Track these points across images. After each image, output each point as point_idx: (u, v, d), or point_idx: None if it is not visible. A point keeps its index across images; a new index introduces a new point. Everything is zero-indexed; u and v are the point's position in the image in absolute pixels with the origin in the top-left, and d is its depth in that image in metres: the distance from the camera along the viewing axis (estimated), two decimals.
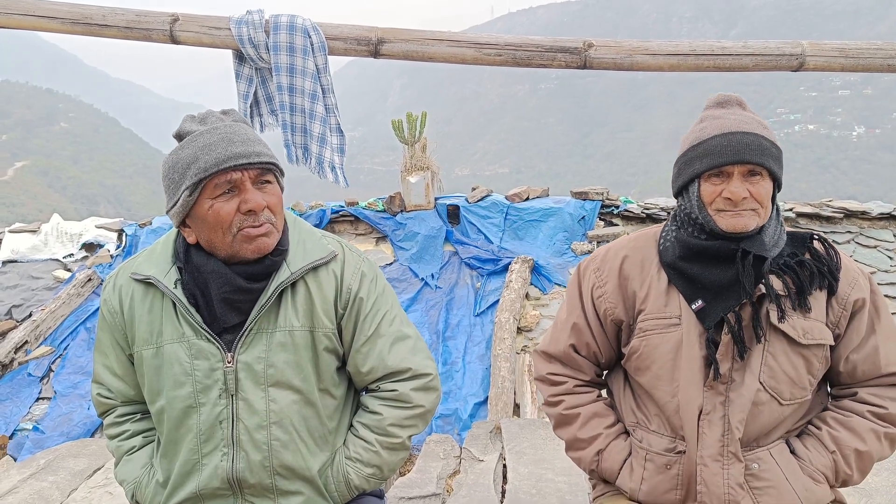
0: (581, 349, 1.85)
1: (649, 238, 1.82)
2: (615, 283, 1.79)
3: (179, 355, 1.63)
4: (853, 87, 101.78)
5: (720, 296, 1.64)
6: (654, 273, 1.75)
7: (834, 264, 1.67)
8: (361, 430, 1.74)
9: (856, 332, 1.67)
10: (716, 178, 1.62)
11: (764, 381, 1.63)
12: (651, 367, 1.72)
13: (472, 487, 2.63)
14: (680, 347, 1.67)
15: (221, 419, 1.62)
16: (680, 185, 1.71)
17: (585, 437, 1.81)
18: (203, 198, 1.57)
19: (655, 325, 1.71)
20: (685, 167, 1.68)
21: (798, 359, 1.64)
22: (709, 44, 3.31)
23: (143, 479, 1.76)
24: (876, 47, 3.31)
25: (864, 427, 1.66)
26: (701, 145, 1.64)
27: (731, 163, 1.59)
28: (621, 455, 1.77)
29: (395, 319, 1.77)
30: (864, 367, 1.68)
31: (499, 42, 3.31)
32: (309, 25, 3.46)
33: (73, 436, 4.60)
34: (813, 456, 1.67)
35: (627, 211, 6.31)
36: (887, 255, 5.78)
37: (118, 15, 3.40)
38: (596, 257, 1.86)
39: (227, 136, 1.56)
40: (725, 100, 1.73)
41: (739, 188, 1.59)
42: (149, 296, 1.68)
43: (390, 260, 6.26)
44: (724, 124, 1.63)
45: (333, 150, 3.61)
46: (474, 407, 4.90)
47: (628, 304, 1.78)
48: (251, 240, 1.58)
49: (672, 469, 1.69)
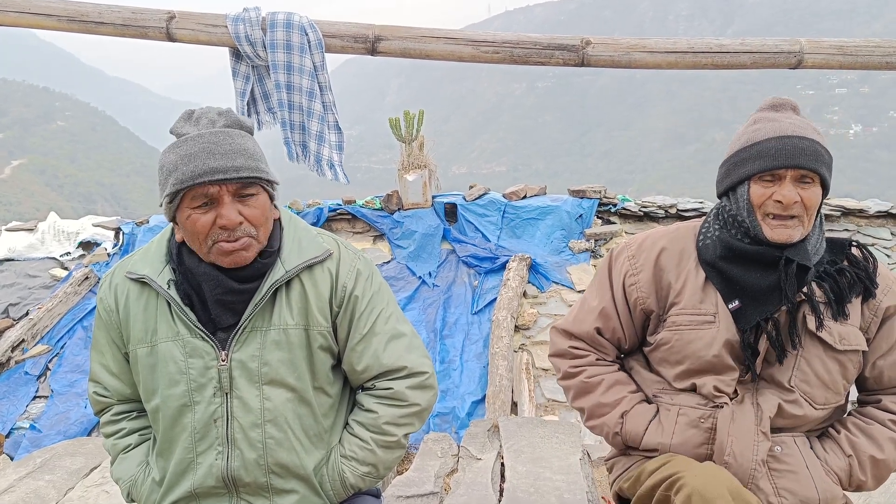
0: (606, 333, 1.85)
1: (689, 231, 1.81)
2: (650, 273, 1.78)
3: (174, 354, 1.63)
4: (850, 85, 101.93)
5: (758, 299, 1.64)
6: (691, 267, 1.74)
7: (872, 271, 1.69)
8: (357, 428, 1.74)
9: (885, 338, 1.69)
10: (767, 181, 1.62)
11: (795, 384, 1.65)
12: (683, 362, 1.72)
13: (469, 486, 2.62)
14: (713, 345, 1.67)
15: (216, 417, 1.62)
16: (728, 185, 1.70)
17: (609, 401, 1.80)
18: (182, 206, 1.57)
19: (690, 320, 1.71)
20: (736, 167, 1.67)
21: (833, 363, 1.65)
22: (706, 41, 3.31)
23: (138, 477, 1.76)
24: (874, 45, 3.31)
25: (884, 436, 1.68)
26: (755, 147, 1.63)
27: (786, 166, 1.58)
28: (646, 416, 1.77)
29: (391, 317, 1.76)
30: (891, 373, 1.70)
31: (496, 39, 3.30)
32: (306, 23, 3.45)
33: (69, 434, 4.59)
34: (830, 458, 1.68)
35: (625, 209, 6.31)
36: (885, 253, 5.79)
37: (114, 12, 3.38)
38: (631, 244, 1.84)
39: (209, 146, 1.54)
40: (780, 103, 1.72)
41: (791, 192, 1.59)
42: (144, 294, 1.68)
43: (388, 258, 6.25)
44: (779, 127, 1.63)
45: (332, 147, 3.60)
46: (472, 405, 4.90)
47: (661, 294, 1.77)
48: (226, 254, 1.57)
49: (706, 423, 1.69)
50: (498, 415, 4.46)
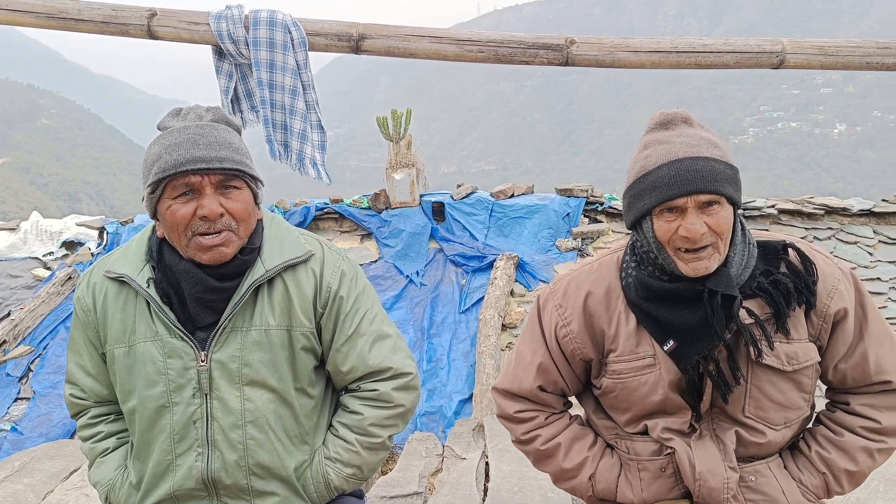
0: (548, 387, 1.74)
1: (612, 267, 1.68)
2: (581, 322, 1.66)
3: (152, 354, 1.61)
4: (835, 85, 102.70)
5: (691, 337, 1.52)
6: (621, 310, 1.62)
7: (810, 277, 1.53)
8: (341, 430, 1.73)
9: (841, 342, 1.57)
10: (668, 214, 1.46)
11: (751, 413, 1.57)
12: (631, 409, 1.65)
13: (453, 486, 2.62)
14: (658, 388, 1.59)
15: (195, 419, 1.61)
16: (632, 220, 1.55)
17: (571, 466, 1.72)
18: (164, 197, 1.56)
19: (629, 367, 1.60)
20: (634, 202, 1.52)
21: (787, 384, 1.56)
22: (690, 41, 3.31)
23: (116, 481, 1.74)
24: (854, 45, 3.33)
25: (856, 446, 1.59)
26: (647, 177, 1.47)
27: (683, 195, 1.42)
28: (613, 472, 1.70)
29: (376, 318, 1.76)
30: (854, 374, 1.59)
31: (481, 38, 3.29)
32: (289, 21, 3.43)
33: (51, 436, 4.54)
34: (805, 477, 1.62)
35: (612, 208, 6.32)
36: (867, 251, 5.83)
37: (94, 10, 3.34)
38: (556, 292, 1.72)
39: (193, 137, 1.54)
40: (669, 119, 1.54)
41: (696, 223, 1.43)
42: (122, 294, 1.66)
43: (375, 257, 6.23)
44: (669, 150, 1.46)
45: (314, 146, 3.58)
46: (459, 404, 4.90)
47: (597, 341, 1.66)
48: (205, 249, 1.56)
49: (667, 470, 1.64)
50: (485, 413, 4.46)
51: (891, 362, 1.59)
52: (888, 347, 1.59)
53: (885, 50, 3.28)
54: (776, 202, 6.30)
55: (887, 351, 1.59)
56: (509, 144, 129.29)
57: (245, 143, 1.67)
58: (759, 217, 6.07)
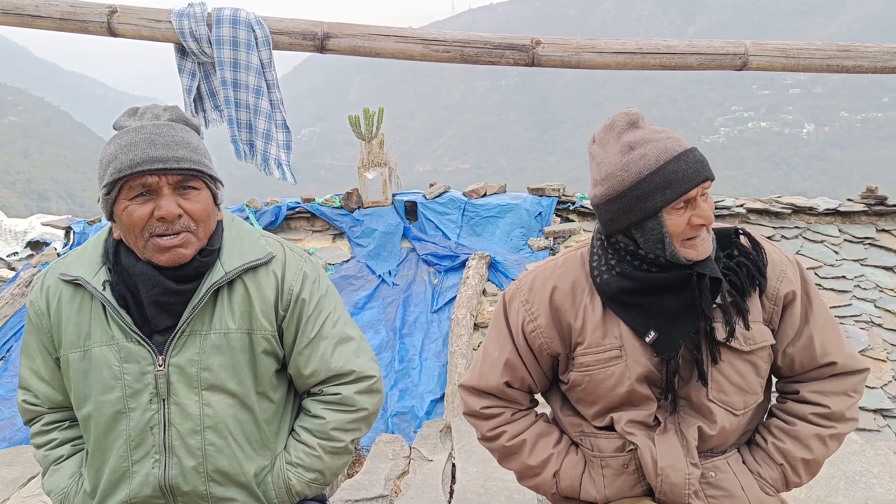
0: (515, 384, 1.75)
1: (577, 263, 1.71)
2: (548, 317, 1.67)
3: (108, 358, 1.58)
4: (803, 85, 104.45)
5: (674, 323, 1.56)
6: (587, 303, 1.65)
7: (761, 260, 1.61)
8: (303, 434, 1.72)
9: (790, 325, 1.64)
10: (680, 208, 1.51)
11: (714, 397, 1.60)
12: (598, 402, 1.66)
13: (419, 488, 2.61)
14: (624, 380, 1.61)
15: (152, 424, 1.58)
16: (631, 222, 1.55)
17: (536, 462, 1.73)
18: (120, 198, 1.53)
19: (596, 359, 1.63)
20: (639, 202, 1.52)
21: (745, 366, 1.60)
22: (655, 42, 3.33)
23: (71, 489, 1.70)
24: (815, 48, 3.38)
25: (809, 434, 1.64)
26: (654, 176, 1.49)
27: (697, 184, 1.49)
28: (578, 469, 1.71)
29: (339, 321, 1.74)
30: (801, 358, 1.65)
31: (447, 38, 3.28)
32: (253, 19, 3.38)
33: (15, 441, 4.46)
34: (763, 470, 1.65)
35: (583, 207, 6.35)
36: (833, 250, 5.93)
37: (52, 6, 3.26)
38: (522, 288, 1.73)
39: (150, 137, 1.51)
40: (634, 119, 1.58)
41: (706, 209, 1.52)
42: (77, 297, 1.63)
43: (347, 257, 6.21)
44: (664, 147, 1.51)
45: (279, 146, 3.54)
46: (431, 404, 4.89)
47: (564, 335, 1.68)
48: (163, 250, 1.54)
49: (630, 467, 1.65)
50: (456, 413, 4.46)
51: (835, 345, 1.66)
52: (832, 331, 1.67)
53: (844, 53, 3.34)
54: (745, 201, 6.38)
55: (831, 335, 1.66)
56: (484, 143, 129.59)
57: (207, 143, 1.65)
58: (729, 216, 6.15)
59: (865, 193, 6.33)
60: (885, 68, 3.48)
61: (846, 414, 1.66)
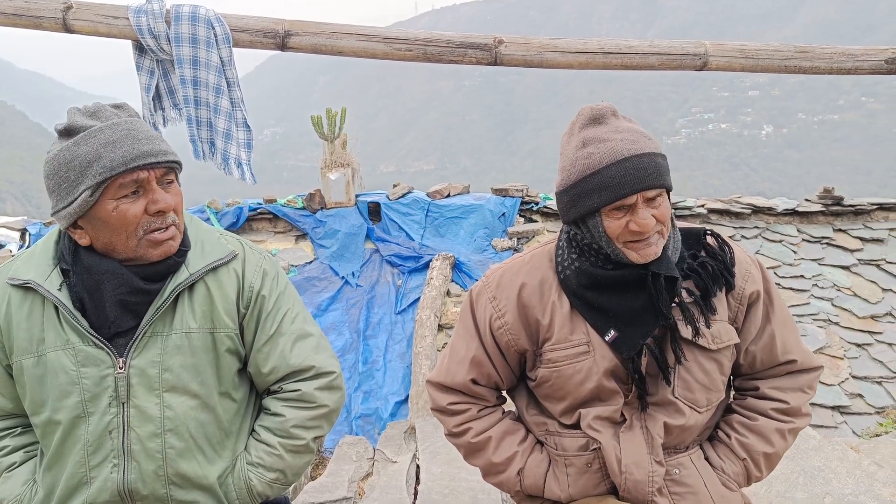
0: (482, 380, 1.75)
1: (545, 258, 1.71)
2: (515, 313, 1.67)
3: (64, 363, 1.54)
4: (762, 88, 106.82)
5: (633, 323, 1.57)
6: (555, 298, 1.65)
7: (729, 260, 1.63)
8: (263, 433, 1.70)
9: (753, 324, 1.67)
10: (618, 211, 1.50)
11: (679, 395, 1.62)
12: (566, 398, 1.66)
13: (384, 490, 2.59)
14: (592, 375, 1.61)
15: (111, 429, 1.56)
16: (576, 216, 1.57)
17: (501, 459, 1.73)
18: (105, 198, 1.49)
19: (564, 355, 1.63)
20: (580, 199, 1.53)
21: (710, 363, 1.62)
22: (616, 42, 3.37)
23: (24, 496, 1.66)
24: (773, 48, 3.45)
25: (770, 428, 1.67)
26: (594, 177, 1.49)
27: (633, 193, 1.47)
28: (542, 467, 1.71)
29: (298, 317, 1.73)
30: (762, 356, 1.69)
31: (409, 37, 3.27)
32: (212, 16, 3.33)
33: None
34: (726, 465, 1.68)
35: (547, 207, 6.40)
36: (791, 250, 6.06)
37: (4, 0, 3.18)
38: (489, 284, 1.73)
39: (130, 132, 1.49)
40: (600, 114, 1.56)
41: (645, 217, 1.49)
42: (27, 301, 1.59)
43: (310, 258, 6.16)
44: (613, 148, 1.49)
45: (240, 145, 3.49)
46: (395, 406, 4.88)
47: (531, 332, 1.68)
48: (157, 244, 1.53)
49: (594, 465, 1.66)
50: (421, 415, 4.45)
51: (794, 343, 1.71)
52: (791, 330, 1.72)
53: (801, 54, 3.42)
54: (706, 202, 6.49)
55: (791, 333, 1.71)
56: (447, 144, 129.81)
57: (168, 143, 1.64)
58: (690, 216, 6.25)
59: (822, 194, 6.48)
60: (840, 69, 3.58)
61: (802, 409, 1.71)
